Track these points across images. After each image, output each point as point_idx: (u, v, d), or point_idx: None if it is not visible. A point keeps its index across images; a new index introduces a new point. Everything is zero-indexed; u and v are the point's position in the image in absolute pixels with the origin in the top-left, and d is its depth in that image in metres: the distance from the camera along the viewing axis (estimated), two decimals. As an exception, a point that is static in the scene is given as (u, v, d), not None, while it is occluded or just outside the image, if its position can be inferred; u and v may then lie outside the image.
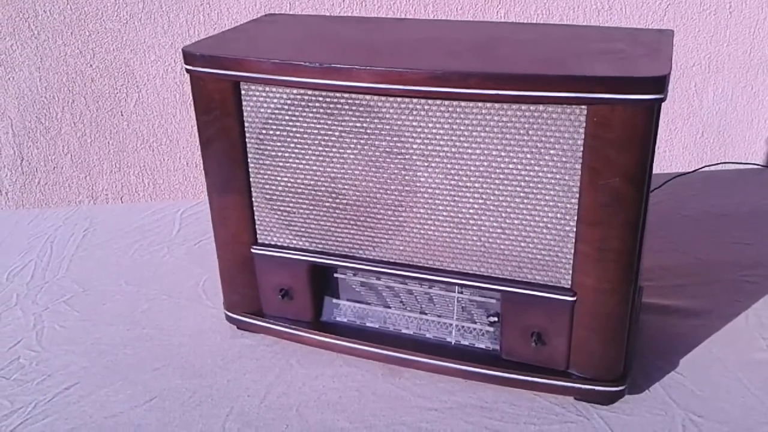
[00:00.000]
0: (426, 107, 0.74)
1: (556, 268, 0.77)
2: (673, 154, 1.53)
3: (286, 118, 0.80)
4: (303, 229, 0.85)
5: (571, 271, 0.76)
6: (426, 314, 0.87)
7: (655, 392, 0.84)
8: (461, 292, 0.84)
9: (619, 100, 0.67)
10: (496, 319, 0.83)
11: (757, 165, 1.47)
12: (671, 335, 0.94)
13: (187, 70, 0.81)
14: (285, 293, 0.89)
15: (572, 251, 0.75)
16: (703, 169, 1.43)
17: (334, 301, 0.91)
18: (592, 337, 0.79)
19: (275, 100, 0.79)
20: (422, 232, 0.80)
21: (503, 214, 0.76)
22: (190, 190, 1.51)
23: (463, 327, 0.86)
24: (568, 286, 0.77)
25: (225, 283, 0.93)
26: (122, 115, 1.43)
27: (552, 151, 0.72)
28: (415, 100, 0.74)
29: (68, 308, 1.02)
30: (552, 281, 0.78)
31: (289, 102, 0.79)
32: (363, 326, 0.90)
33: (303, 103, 0.78)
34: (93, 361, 0.91)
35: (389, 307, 0.88)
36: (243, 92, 0.80)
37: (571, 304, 0.77)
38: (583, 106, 0.69)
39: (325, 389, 0.85)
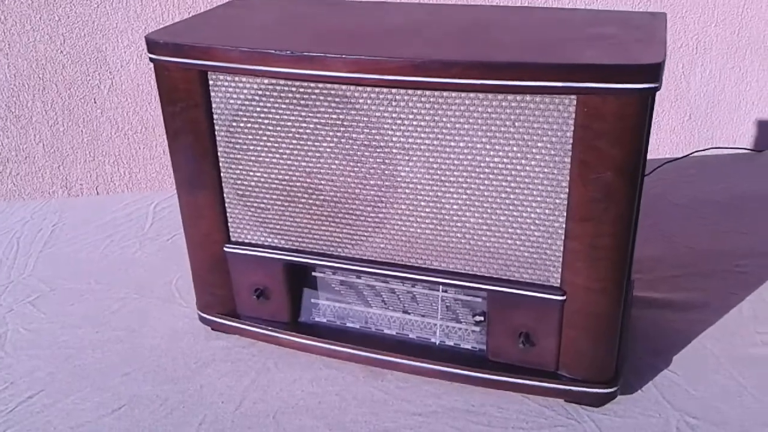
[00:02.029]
0: (406, 98, 0.69)
1: (544, 266, 0.73)
2: (660, 138, 1.50)
3: (258, 109, 0.75)
4: (278, 227, 0.81)
5: (560, 269, 0.73)
6: (409, 314, 0.83)
7: (649, 392, 0.80)
8: (446, 291, 0.80)
9: (611, 89, 0.63)
10: (482, 318, 0.79)
11: (748, 150, 1.44)
12: (664, 331, 0.90)
13: (151, 59, 0.76)
14: (260, 293, 0.85)
15: (561, 248, 0.71)
16: (693, 155, 1.39)
17: (313, 300, 0.86)
18: (583, 337, 0.75)
19: (245, 91, 0.74)
20: (404, 229, 0.76)
21: (489, 210, 0.72)
22: (167, 179, 1.47)
23: (447, 327, 0.82)
24: (558, 285, 0.73)
25: (197, 284, 0.89)
26: (95, 102, 1.38)
27: (540, 144, 0.68)
28: (394, 91, 0.69)
29: (34, 309, 0.97)
30: (540, 280, 0.74)
31: (260, 93, 0.74)
32: (343, 327, 0.86)
33: (275, 94, 0.74)
34: (59, 366, 0.86)
35: (370, 307, 0.84)
36: (211, 82, 0.75)
37: (561, 303, 0.73)
38: (572, 96, 0.65)
39: (303, 394, 0.81)
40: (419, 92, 0.69)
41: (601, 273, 0.71)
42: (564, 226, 0.70)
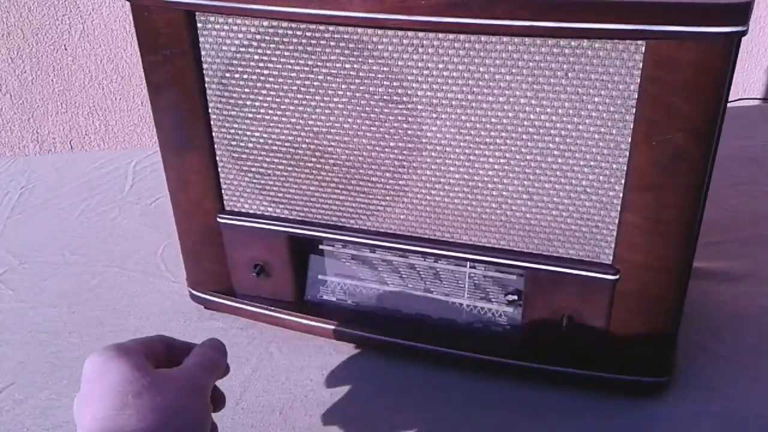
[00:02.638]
0: (436, 43, 0.58)
1: (594, 241, 0.63)
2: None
3: (256, 57, 0.63)
4: (280, 195, 0.70)
5: (613, 245, 0.62)
6: (431, 292, 0.73)
7: (702, 378, 0.71)
8: (474, 267, 0.70)
9: (690, 33, 0.52)
10: (516, 297, 0.69)
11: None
12: (712, 305, 0.81)
13: (127, -3, 0.63)
14: (260, 269, 0.75)
15: (616, 221, 0.61)
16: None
17: (320, 277, 0.76)
18: (636, 321, 0.65)
19: (241, 35, 0.63)
20: (429, 198, 0.65)
21: (531, 177, 0.61)
22: (147, 133, 1.39)
23: (476, 308, 0.72)
24: (609, 262, 0.63)
25: (187, 258, 0.78)
26: (66, 49, 1.28)
27: (597, 99, 0.57)
28: (421, 35, 0.58)
29: (1, 286, 0.86)
30: (589, 256, 0.64)
31: (258, 37, 0.62)
32: (355, 306, 0.76)
33: (277, 39, 0.62)
34: (32, 354, 0.75)
35: (386, 284, 0.74)
36: (200, 25, 0.63)
37: (612, 283, 0.64)
38: (640, 42, 0.54)
39: (313, 384, 0.71)
40: (452, 37, 0.57)
41: (663, 250, 0.61)
42: (621, 195, 0.60)
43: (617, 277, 0.63)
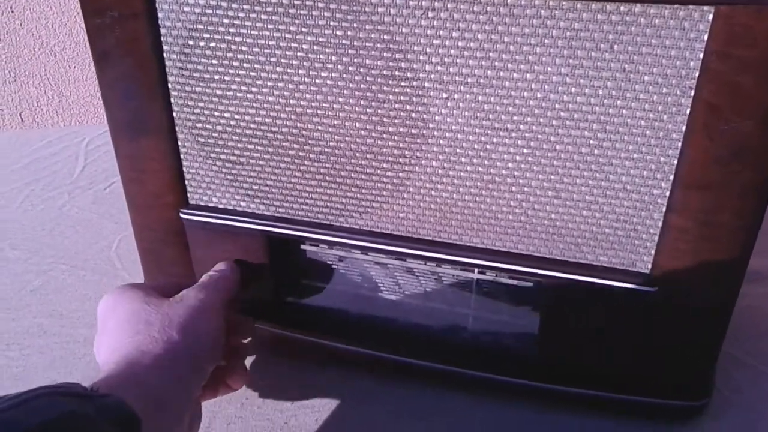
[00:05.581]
0: (450, 6, 0.47)
1: (631, 247, 0.53)
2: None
3: (226, 21, 0.52)
4: (256, 187, 0.59)
5: (653, 252, 0.53)
6: (432, 301, 0.62)
7: (741, 397, 0.63)
8: (483, 272, 0.60)
9: (775, -3, 0.42)
10: (531, 308, 0.60)
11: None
12: (741, 311, 0.71)
13: (64, -56, 0.51)
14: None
15: (660, 224, 0.51)
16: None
17: (303, 282, 0.65)
18: (675, 340, 0.56)
19: (208, -6, 0.51)
20: (434, 193, 0.55)
21: (560, 171, 0.51)
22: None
23: (484, 319, 0.62)
24: (647, 271, 0.54)
25: (145, 259, 0.67)
26: (12, 11, 1.19)
27: (647, 78, 0.46)
28: (432, -5, 0.47)
29: (-73, 288, 0.75)
30: (623, 264, 0.54)
31: (229, -4, 0.51)
32: (342, 317, 0.65)
33: (252, -1, 0.50)
34: (-40, 371, 0.64)
35: (380, 291, 0.63)
36: (156, -20, 0.51)
37: (649, 295, 0.54)
38: (707, 8, 0.43)
39: (294, 410, 0.61)
40: (470, -2, 0.47)
41: (713, 258, 0.52)
42: (667, 193, 0.50)
43: (655, 289, 0.54)
